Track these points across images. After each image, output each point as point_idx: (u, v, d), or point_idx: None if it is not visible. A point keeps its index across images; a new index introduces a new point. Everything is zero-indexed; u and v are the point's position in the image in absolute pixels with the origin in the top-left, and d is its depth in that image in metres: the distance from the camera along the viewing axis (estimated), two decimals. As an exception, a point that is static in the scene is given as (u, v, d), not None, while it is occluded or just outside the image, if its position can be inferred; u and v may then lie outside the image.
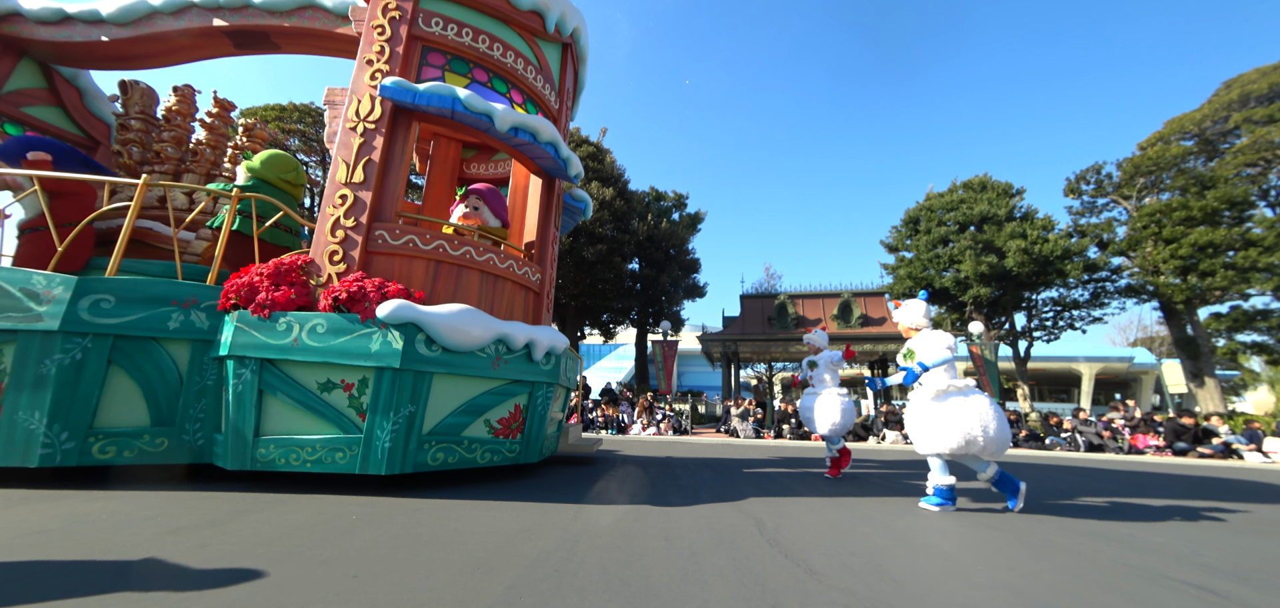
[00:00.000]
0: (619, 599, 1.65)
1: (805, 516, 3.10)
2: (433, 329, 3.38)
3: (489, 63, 4.60)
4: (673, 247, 21.40)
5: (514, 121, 4.17)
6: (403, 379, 3.29)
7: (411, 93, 3.94)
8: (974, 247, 19.76)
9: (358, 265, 3.72)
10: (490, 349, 3.70)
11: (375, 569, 1.83)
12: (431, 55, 4.43)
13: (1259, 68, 20.68)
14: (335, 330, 3.28)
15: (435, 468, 3.54)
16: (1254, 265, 17.31)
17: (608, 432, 12.94)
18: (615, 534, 2.46)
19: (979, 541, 2.63)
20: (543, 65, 5.16)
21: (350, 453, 3.24)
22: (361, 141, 3.96)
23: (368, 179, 3.88)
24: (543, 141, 4.40)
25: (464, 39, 4.47)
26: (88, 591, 1.55)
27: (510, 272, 4.39)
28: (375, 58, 4.18)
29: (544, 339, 4.03)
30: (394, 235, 3.86)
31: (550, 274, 5.08)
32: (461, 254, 4.06)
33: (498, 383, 3.81)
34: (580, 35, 5.60)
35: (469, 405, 3.67)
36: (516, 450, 4.04)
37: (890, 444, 11.97)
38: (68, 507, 2.56)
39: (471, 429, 3.72)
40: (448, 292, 3.95)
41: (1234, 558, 2.51)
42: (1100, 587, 1.97)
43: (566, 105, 5.58)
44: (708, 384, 33.55)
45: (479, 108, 4.02)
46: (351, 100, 4.08)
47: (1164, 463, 9.07)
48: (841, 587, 1.85)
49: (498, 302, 4.26)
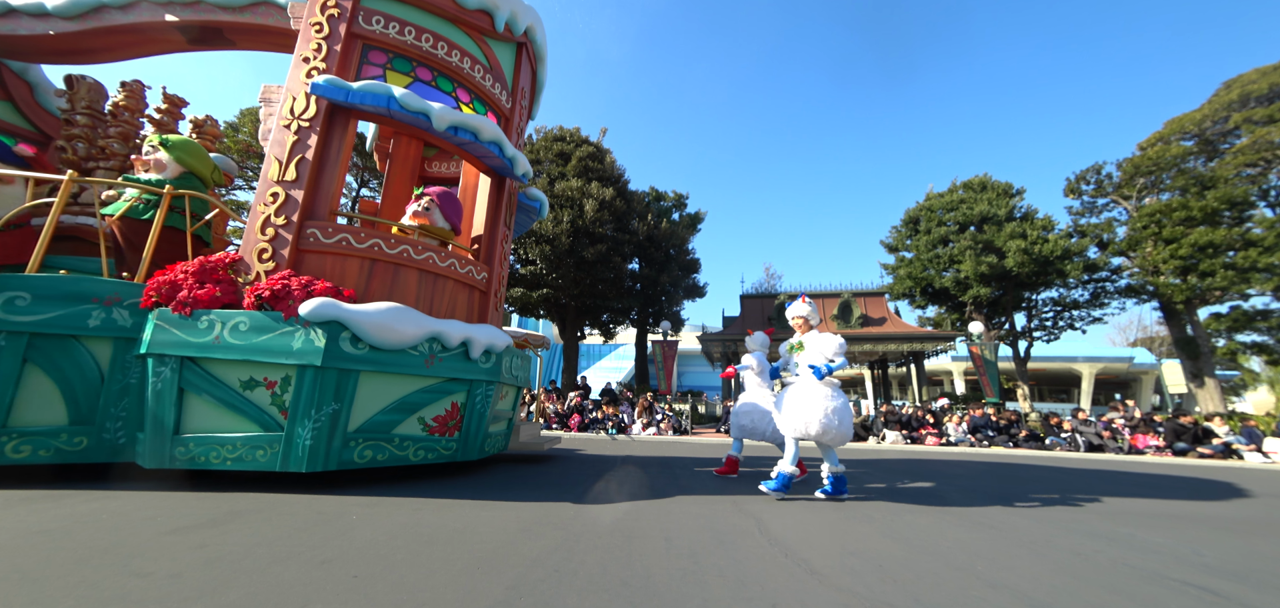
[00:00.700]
0: (619, 599, 1.65)
1: (805, 516, 3.10)
2: (358, 327, 3.37)
3: (433, 61, 4.59)
4: (673, 247, 21.40)
5: (452, 120, 4.17)
6: (326, 377, 3.29)
7: (344, 91, 3.93)
8: (974, 247, 19.77)
9: (288, 264, 3.70)
10: (423, 347, 3.70)
11: (375, 569, 1.83)
12: (372, 53, 4.42)
13: (1259, 68, 20.67)
14: (257, 328, 3.27)
15: (363, 466, 3.53)
16: (1254, 265, 17.30)
17: (608, 432, 12.94)
18: (615, 534, 2.46)
19: (979, 540, 2.63)
20: (493, 64, 5.14)
21: (271, 450, 3.23)
22: (295, 140, 3.94)
23: (301, 177, 3.86)
24: (485, 140, 4.39)
25: (407, 37, 4.46)
26: (88, 591, 1.55)
27: (452, 270, 4.38)
28: (312, 55, 4.18)
29: (482, 338, 4.02)
30: (327, 234, 3.85)
31: (499, 273, 5.05)
32: (398, 253, 4.05)
33: (433, 381, 3.80)
34: (535, 34, 5.57)
35: (401, 403, 3.66)
36: (453, 449, 4.04)
37: (890, 444, 11.97)
38: (68, 507, 2.56)
39: (404, 427, 3.72)
40: (383, 290, 3.94)
41: (1234, 558, 2.51)
42: (1100, 587, 1.97)
43: (520, 104, 5.54)
44: (708, 384, 33.55)
45: (415, 106, 4.01)
46: (287, 98, 4.06)
47: (1164, 463, 9.07)
48: (841, 587, 1.85)
49: (438, 300, 4.26)
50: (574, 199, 18.40)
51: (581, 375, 19.45)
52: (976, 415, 13.07)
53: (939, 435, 12.62)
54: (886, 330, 18.73)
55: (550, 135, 21.68)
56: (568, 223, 17.66)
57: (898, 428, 12.84)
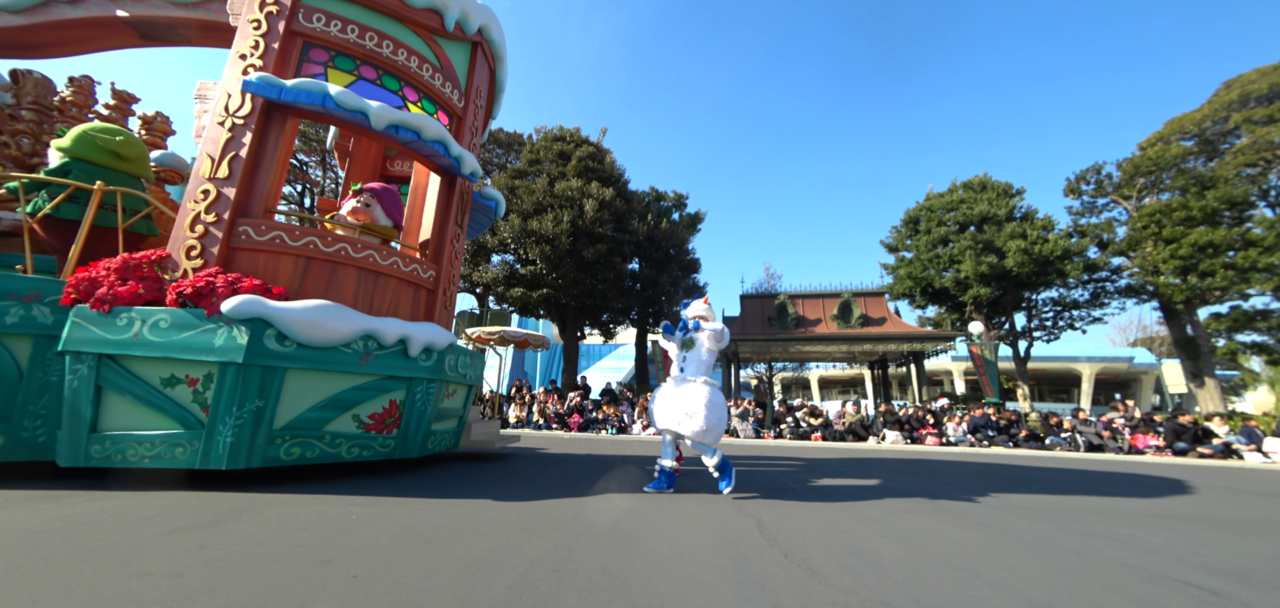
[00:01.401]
0: (619, 600, 1.65)
1: (805, 516, 3.10)
2: (284, 324, 3.35)
3: (377, 59, 4.57)
4: (673, 247, 21.39)
5: (392, 118, 4.15)
6: (249, 374, 3.27)
7: (278, 88, 3.90)
8: (974, 247, 19.77)
9: (218, 261, 3.68)
10: (357, 345, 3.69)
11: (375, 569, 1.83)
12: (313, 51, 4.39)
13: (1259, 68, 20.68)
14: (179, 326, 3.25)
15: (290, 463, 3.52)
16: (1254, 265, 17.30)
17: (609, 431, 12.94)
18: (615, 534, 2.46)
19: (979, 541, 2.63)
20: (445, 64, 5.11)
21: (191, 448, 3.21)
22: (229, 137, 3.92)
23: (233, 174, 3.84)
24: (428, 139, 4.38)
25: (349, 35, 4.44)
26: (88, 591, 1.55)
27: (395, 269, 4.36)
28: (249, 52, 4.15)
29: (420, 335, 4.00)
30: (260, 231, 3.82)
31: (449, 271, 5.02)
32: (336, 251, 4.03)
33: (368, 378, 3.79)
34: (490, 33, 5.54)
35: (333, 400, 3.65)
36: (391, 446, 4.03)
37: (890, 444, 11.97)
38: (68, 507, 2.56)
39: (336, 424, 3.70)
40: (318, 288, 3.92)
41: (1234, 558, 2.51)
42: (1100, 587, 1.97)
43: (475, 104, 5.51)
44: (708, 384, 33.42)
45: (352, 104, 3.99)
46: (221, 95, 4.04)
47: (1164, 463, 9.07)
48: (841, 587, 1.85)
49: (379, 298, 4.24)
50: (574, 199, 18.40)
51: (581, 375, 19.45)
52: (976, 416, 13.07)
53: (939, 436, 12.61)
54: (886, 330, 18.72)
55: (550, 135, 21.68)
56: (568, 223, 17.65)
57: (898, 428, 12.83)
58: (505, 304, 20.45)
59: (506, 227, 18.13)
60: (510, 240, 18.29)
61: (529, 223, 17.81)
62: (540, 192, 18.54)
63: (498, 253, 20.03)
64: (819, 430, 13.05)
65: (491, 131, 25.39)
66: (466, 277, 21.29)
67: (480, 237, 19.40)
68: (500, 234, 18.43)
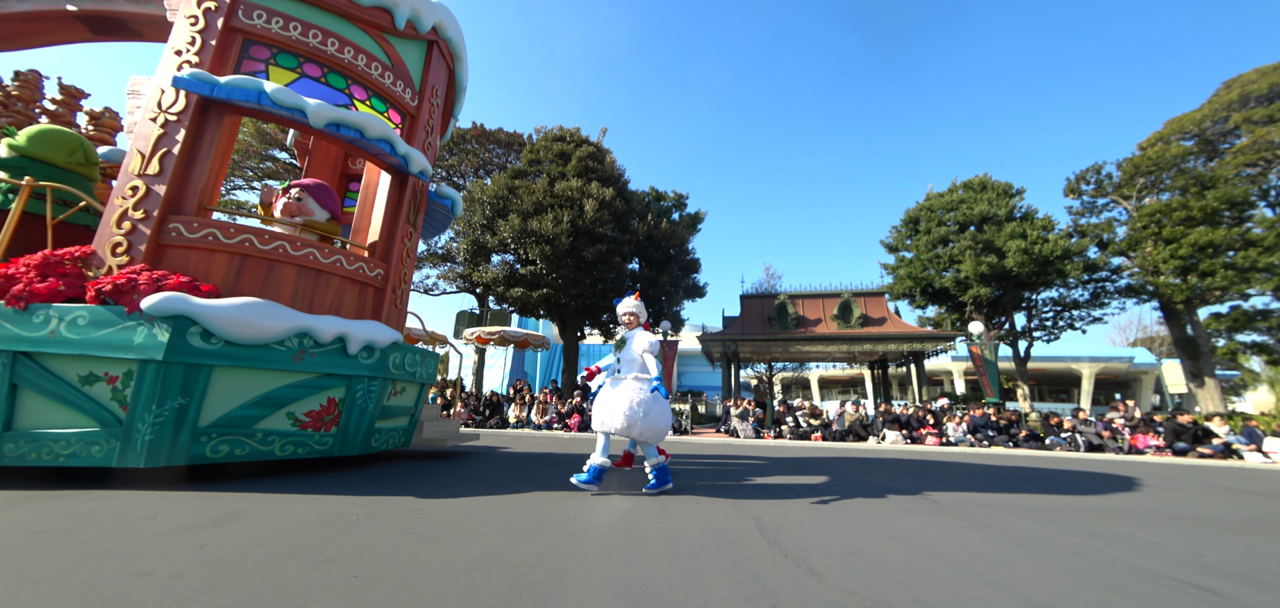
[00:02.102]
0: (619, 600, 1.65)
1: (805, 516, 3.10)
2: (209, 322, 3.33)
3: (323, 58, 4.54)
4: (673, 247, 21.39)
5: (331, 117, 4.11)
6: (171, 372, 3.24)
7: (210, 84, 3.86)
8: (974, 247, 19.76)
9: (146, 258, 3.64)
10: (292, 342, 3.67)
11: (375, 569, 1.83)
12: (254, 48, 4.35)
13: (1259, 68, 20.68)
14: (98, 323, 3.22)
15: (218, 461, 3.49)
16: (1254, 265, 17.30)
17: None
18: (615, 534, 2.46)
19: (979, 540, 2.63)
20: (396, 63, 5.08)
21: (107, 446, 3.19)
22: (161, 133, 3.88)
23: (165, 171, 3.81)
24: (371, 138, 4.36)
25: (292, 33, 4.41)
26: (88, 591, 1.55)
27: (338, 267, 4.33)
28: (185, 48, 4.10)
29: (360, 333, 3.99)
30: (191, 229, 3.79)
31: (399, 270, 5.02)
32: (273, 248, 4.00)
33: (304, 376, 3.78)
34: (446, 31, 5.51)
35: (265, 398, 3.63)
36: (330, 443, 4.02)
37: (890, 444, 11.97)
38: (68, 507, 2.56)
39: (269, 422, 3.68)
40: (254, 286, 3.89)
41: (1234, 558, 2.51)
42: (1100, 587, 1.97)
43: (431, 103, 5.49)
44: (708, 384, 33.56)
45: (289, 102, 3.95)
46: (154, 91, 4.00)
47: (1164, 463, 9.07)
48: (841, 587, 1.85)
49: (320, 297, 4.22)
50: (574, 199, 18.39)
51: (582, 376, 19.43)
52: (976, 415, 13.07)
53: (939, 436, 12.61)
54: (886, 330, 18.72)
55: (550, 135, 21.68)
56: (568, 223, 17.64)
57: (898, 428, 12.83)
58: (505, 304, 20.44)
59: (506, 227, 18.12)
60: (510, 240, 18.29)
61: (529, 223, 17.80)
62: (540, 192, 18.54)
63: (498, 253, 20.02)
64: (819, 430, 13.05)
65: (491, 132, 25.43)
66: (466, 276, 21.30)
67: (480, 237, 19.41)
68: (500, 234, 18.42)
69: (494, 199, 19.13)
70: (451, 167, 25.42)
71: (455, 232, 21.92)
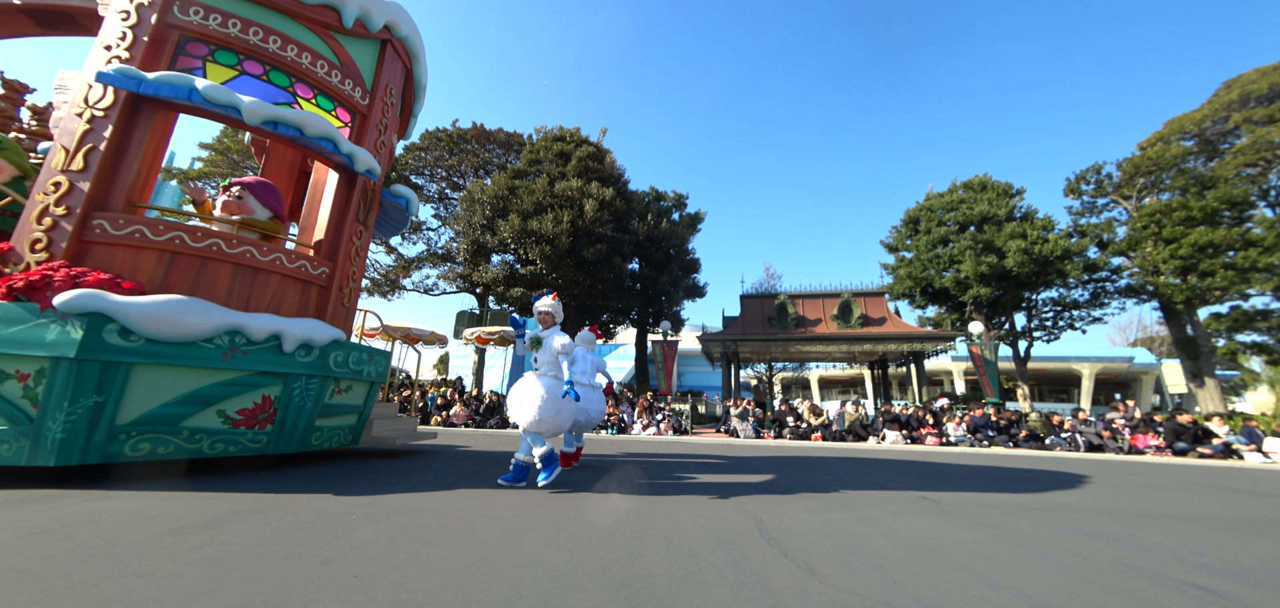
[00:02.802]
0: (619, 599, 1.65)
1: (805, 516, 3.10)
2: (128, 319, 3.29)
3: (264, 55, 4.50)
4: (673, 247, 21.40)
5: (268, 115, 4.06)
6: (86, 369, 3.20)
7: (136, 80, 3.81)
8: (974, 247, 19.77)
9: (67, 255, 3.59)
10: (221, 340, 3.64)
11: (375, 569, 1.83)
12: (190, 45, 4.29)
13: (1259, 68, 20.69)
14: (8, 320, 3.17)
15: (138, 459, 3.46)
16: (1254, 265, 17.31)
17: (609, 432, 12.94)
18: (615, 534, 2.46)
19: (979, 541, 2.63)
20: (345, 61, 5.04)
21: (16, 445, 3.15)
22: (87, 129, 3.83)
23: (90, 167, 3.76)
24: (312, 136, 4.32)
25: (232, 30, 4.36)
26: (88, 591, 1.55)
27: (278, 264, 4.30)
28: (115, 43, 4.05)
29: (297, 331, 3.96)
30: (117, 225, 3.73)
31: (347, 268, 4.98)
32: (206, 246, 3.95)
33: (236, 374, 3.75)
34: (399, 29, 5.47)
35: (193, 396, 3.60)
36: (264, 441, 4.00)
37: (890, 444, 11.97)
38: (68, 507, 2.56)
39: (197, 420, 3.65)
40: (185, 284, 3.84)
41: (1234, 558, 2.51)
42: (1100, 587, 1.97)
43: (384, 103, 5.46)
44: (708, 384, 33.58)
45: (222, 99, 3.90)
46: (82, 86, 3.94)
47: (1164, 463, 9.07)
48: (841, 587, 1.85)
49: (258, 295, 4.18)
50: (574, 199, 18.39)
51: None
52: (976, 416, 13.07)
53: (939, 436, 12.61)
54: (886, 330, 18.72)
55: (550, 135, 21.69)
56: (568, 223, 17.65)
57: (898, 428, 12.83)
58: (505, 304, 20.44)
59: (506, 227, 18.12)
60: (510, 240, 18.29)
61: (529, 223, 17.80)
62: (540, 192, 18.54)
63: (498, 253, 20.02)
64: (819, 430, 13.05)
65: (491, 132, 25.43)
66: (466, 276, 21.30)
67: (480, 237, 19.40)
68: (500, 234, 18.42)
69: (494, 199, 19.13)
70: (452, 167, 25.43)
71: (455, 232, 21.91)
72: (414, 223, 26.37)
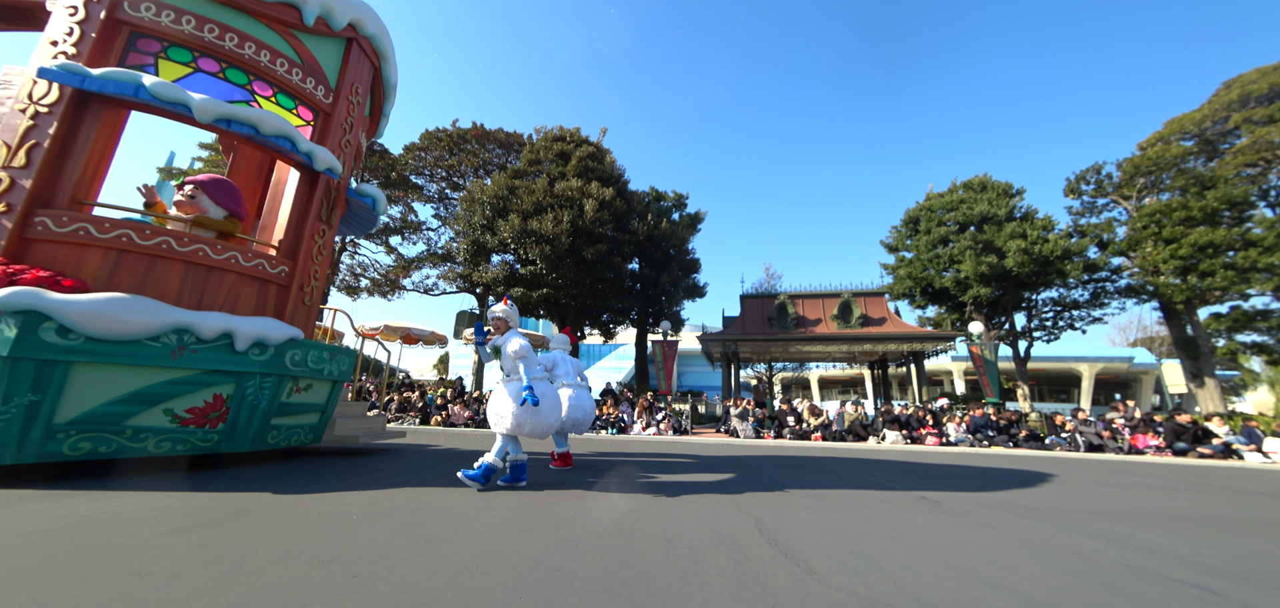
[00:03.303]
0: (619, 599, 1.65)
1: (805, 516, 3.10)
2: (66, 318, 3.25)
3: (220, 53, 4.44)
4: (673, 247, 21.40)
5: (220, 113, 4.03)
6: (20, 368, 3.17)
7: (80, 76, 3.76)
8: (974, 247, 19.77)
9: (6, 252, 3.55)
10: (169, 338, 3.61)
11: (375, 569, 1.83)
12: (142, 41, 4.25)
13: (1259, 68, 20.69)
14: None
15: (78, 458, 3.43)
16: (1254, 265, 17.31)
17: (609, 432, 12.93)
18: (615, 534, 2.46)
19: (979, 541, 2.63)
20: (307, 60, 5.01)
21: None
22: (31, 125, 3.79)
23: (32, 164, 3.72)
24: (268, 134, 4.30)
25: (186, 27, 4.30)
26: (88, 591, 1.55)
27: (233, 263, 4.26)
28: (62, 39, 4.01)
29: (250, 330, 3.94)
30: (61, 223, 3.69)
31: (309, 267, 4.94)
32: (156, 244, 3.91)
33: (185, 373, 3.73)
34: (365, 28, 5.43)
35: (138, 395, 3.57)
36: (216, 440, 3.98)
37: (890, 444, 11.97)
38: (68, 507, 2.56)
39: (142, 418, 3.62)
40: (132, 282, 3.80)
41: (1234, 558, 2.51)
42: (1100, 587, 1.97)
43: (350, 102, 5.43)
44: (708, 384, 33.59)
45: (170, 97, 3.86)
46: (26, 82, 3.92)
47: (1164, 463, 9.07)
48: (841, 587, 1.85)
49: (212, 293, 4.15)
50: (574, 199, 18.39)
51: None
52: (976, 416, 13.07)
53: (939, 436, 12.61)
54: (886, 330, 18.72)
55: (550, 135, 21.69)
56: (568, 223, 17.65)
57: (897, 428, 12.83)
58: (505, 304, 20.42)
59: (506, 226, 18.12)
60: (510, 240, 18.29)
61: (529, 223, 17.80)
62: (540, 192, 18.54)
63: (498, 253, 20.02)
64: (819, 430, 13.05)
65: (490, 131, 25.43)
66: (466, 276, 21.29)
67: (480, 237, 19.40)
68: (500, 234, 18.43)
69: (494, 199, 19.13)
70: (451, 167, 25.43)
71: (455, 232, 21.91)
72: (414, 223, 26.39)
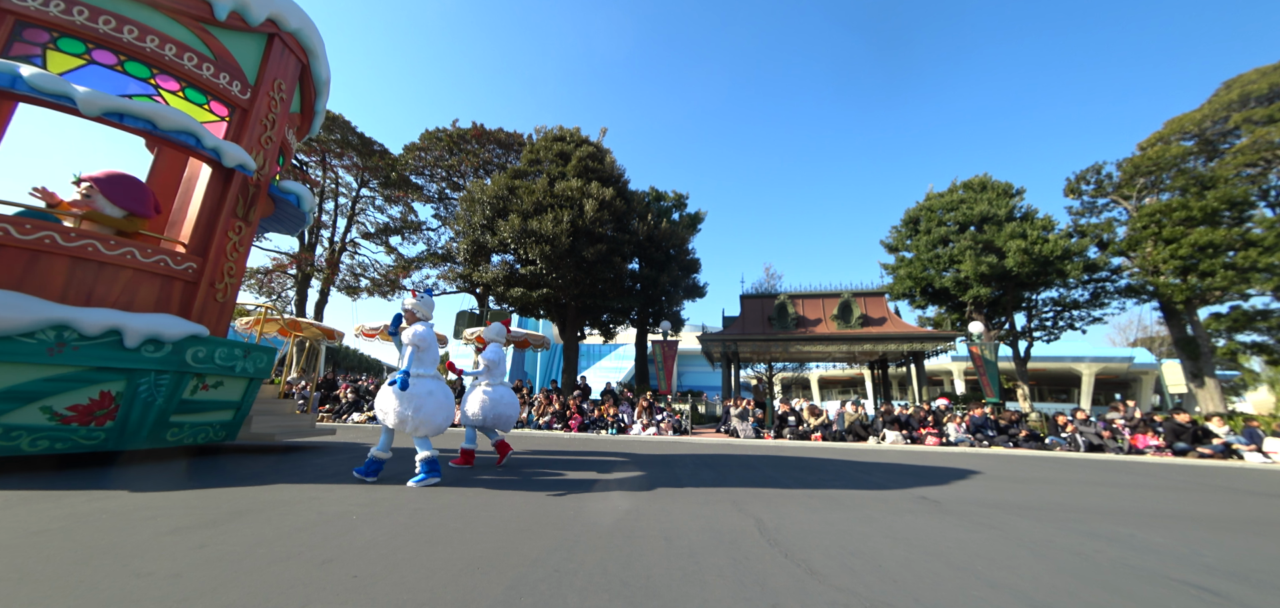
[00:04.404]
0: (619, 599, 1.65)
1: (805, 516, 3.10)
2: None
3: (117, 45, 4.35)
4: (673, 247, 21.38)
5: (109, 106, 3.95)
6: None
7: None
8: (974, 247, 19.76)
9: None
10: (46, 335, 3.55)
11: (375, 569, 1.83)
12: (28, 31, 4.14)
13: (1259, 68, 20.69)
14: None
15: None
16: (1254, 265, 17.29)
17: (608, 432, 12.93)
18: (615, 534, 2.46)
19: (979, 541, 2.63)
20: (220, 55, 4.94)
21: None
22: None
23: None
24: (166, 129, 4.23)
25: (76, 17, 4.19)
26: (88, 591, 1.55)
27: (129, 259, 4.19)
28: None
29: (141, 326, 3.89)
30: None
31: (220, 264, 4.87)
32: (36, 239, 3.82)
33: (66, 369, 3.66)
34: (287, 23, 5.35)
35: (10, 392, 3.50)
36: (103, 438, 3.92)
37: (890, 444, 11.97)
38: (68, 506, 2.56)
39: (16, 416, 3.55)
40: (9, 278, 3.71)
41: (1234, 558, 2.51)
42: (1100, 587, 1.97)
43: (272, 97, 5.35)
44: (708, 384, 33.56)
45: (52, 88, 3.77)
46: None
47: (1164, 463, 9.07)
48: (841, 587, 1.85)
49: (104, 289, 4.08)
50: (574, 199, 18.38)
51: (581, 376, 19.44)
52: (976, 416, 13.06)
53: (939, 436, 12.61)
54: (886, 330, 18.71)
55: (550, 135, 21.68)
56: (568, 223, 17.64)
57: (898, 428, 12.83)
58: (505, 304, 20.44)
59: (506, 226, 18.12)
60: (510, 240, 18.28)
61: (529, 223, 17.79)
62: (540, 192, 18.53)
63: (498, 253, 20.02)
64: (819, 430, 13.05)
65: (490, 132, 25.43)
66: (466, 276, 21.28)
67: (480, 237, 19.39)
68: (500, 234, 18.42)
69: (494, 199, 19.12)
70: (451, 167, 25.44)
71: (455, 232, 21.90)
72: (414, 223, 26.39)
